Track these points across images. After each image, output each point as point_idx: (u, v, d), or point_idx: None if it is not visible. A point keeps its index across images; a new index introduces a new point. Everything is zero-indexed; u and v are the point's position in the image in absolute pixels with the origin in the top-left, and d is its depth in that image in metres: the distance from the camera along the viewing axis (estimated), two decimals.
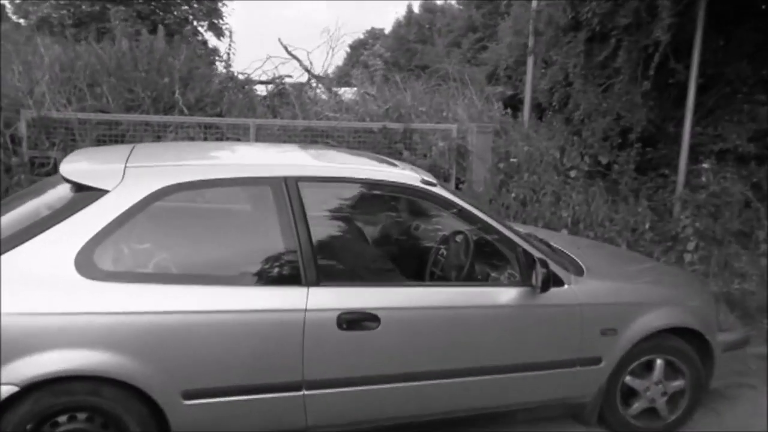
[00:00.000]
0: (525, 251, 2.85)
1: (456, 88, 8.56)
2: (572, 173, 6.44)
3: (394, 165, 3.11)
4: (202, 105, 7.23)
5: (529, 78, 7.43)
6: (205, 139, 6.50)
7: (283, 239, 2.58)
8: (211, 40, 22.17)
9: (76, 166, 2.68)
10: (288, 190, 2.62)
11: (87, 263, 2.33)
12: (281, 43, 8.42)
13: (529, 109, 7.53)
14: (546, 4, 7.10)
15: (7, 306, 2.19)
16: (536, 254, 2.85)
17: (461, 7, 34.54)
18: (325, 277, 2.60)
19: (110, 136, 6.19)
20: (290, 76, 8.42)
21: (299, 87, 7.93)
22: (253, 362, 2.49)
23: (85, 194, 2.47)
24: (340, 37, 8.22)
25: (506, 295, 2.83)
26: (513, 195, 5.99)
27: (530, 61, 7.39)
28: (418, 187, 2.84)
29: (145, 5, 24.59)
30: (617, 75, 6.57)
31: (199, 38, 26.23)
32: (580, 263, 3.26)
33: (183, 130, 6.58)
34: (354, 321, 2.56)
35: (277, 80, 8.12)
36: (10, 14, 24.76)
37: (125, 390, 2.34)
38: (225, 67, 8.23)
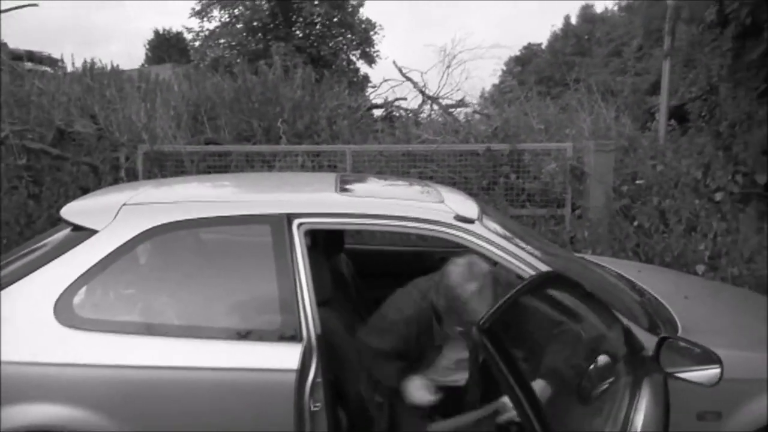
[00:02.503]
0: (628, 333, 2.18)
1: (593, 101, 7.73)
2: (718, 196, 5.36)
3: (437, 194, 2.65)
4: (310, 132, 7.24)
5: (665, 85, 6.40)
6: (311, 168, 6.44)
7: (280, 287, 2.24)
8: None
9: (78, 205, 2.58)
10: (290, 229, 2.28)
11: (66, 310, 2.18)
12: (396, 66, 8.25)
13: (665, 122, 6.49)
14: None
15: None
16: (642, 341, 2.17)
17: (623, 14, 32.41)
18: None
19: (217, 166, 6.37)
20: (404, 99, 8.21)
21: (409, 110, 7.67)
22: (242, 429, 2.17)
23: (77, 234, 2.34)
24: (455, 56, 7.76)
25: None
26: (635, 223, 5.09)
27: (666, 65, 6.37)
28: (445, 223, 2.34)
29: (303, 40, 26.26)
30: None
31: (352, 67, 27.44)
32: (676, 320, 2.51)
33: (290, 158, 6.59)
34: None
35: (389, 104, 7.94)
36: (191, 57, 27.87)
37: None
38: (337, 95, 8.20)
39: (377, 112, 8.42)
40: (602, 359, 2.09)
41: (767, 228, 5.08)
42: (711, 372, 2.03)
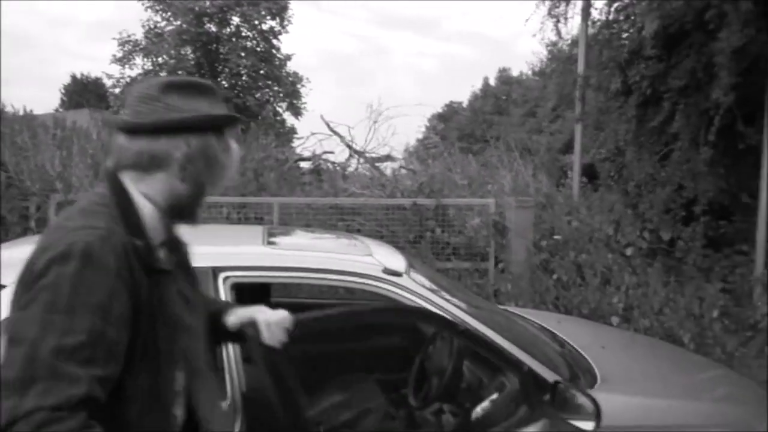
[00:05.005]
0: (532, 374, 2.17)
1: (512, 159, 8.10)
2: (628, 251, 5.68)
3: (364, 247, 2.66)
4: (237, 184, 7.14)
5: (577, 147, 6.85)
6: (236, 220, 6.35)
7: None
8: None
9: None
10: (215, 283, 2.21)
11: None
12: (323, 120, 8.36)
13: (578, 181, 6.90)
14: (594, 69, 6.60)
15: None
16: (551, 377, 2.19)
17: (537, 78, 34.53)
18: None
19: None
20: (332, 152, 8.30)
21: (336, 163, 7.76)
22: None
23: None
24: (381, 113, 7.98)
25: None
26: (555, 277, 5.30)
27: (578, 129, 6.83)
28: (374, 276, 2.34)
29: (229, 90, 26.14)
30: (675, 141, 5.87)
31: (279, 118, 27.44)
32: (595, 369, 2.60)
33: (215, 210, 6.46)
34: None
35: (316, 157, 8.00)
36: (110, 103, 27.03)
37: None
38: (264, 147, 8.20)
39: (305, 165, 8.46)
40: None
41: (673, 282, 5.42)
42: (590, 420, 2.09)
